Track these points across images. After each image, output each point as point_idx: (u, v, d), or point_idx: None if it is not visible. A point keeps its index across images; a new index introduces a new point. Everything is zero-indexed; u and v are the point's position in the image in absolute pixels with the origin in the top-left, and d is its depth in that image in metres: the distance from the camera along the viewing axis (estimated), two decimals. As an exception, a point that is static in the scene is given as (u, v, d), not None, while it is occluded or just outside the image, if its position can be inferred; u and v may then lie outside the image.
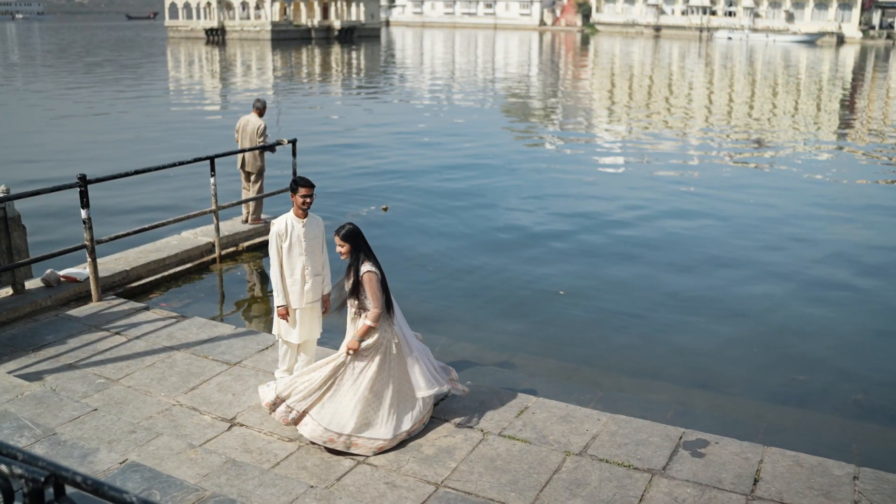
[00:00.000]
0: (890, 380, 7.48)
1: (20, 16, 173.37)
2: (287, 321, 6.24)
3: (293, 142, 10.87)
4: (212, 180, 9.59)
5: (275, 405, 5.74)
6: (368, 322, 5.51)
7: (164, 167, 9.03)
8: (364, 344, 5.57)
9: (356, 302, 5.59)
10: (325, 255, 6.35)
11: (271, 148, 10.84)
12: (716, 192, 15.65)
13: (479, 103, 31.99)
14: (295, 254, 6.13)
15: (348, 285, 5.61)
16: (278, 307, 6.19)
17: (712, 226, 12.91)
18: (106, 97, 32.26)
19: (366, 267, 5.55)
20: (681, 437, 5.84)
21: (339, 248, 5.61)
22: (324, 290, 6.36)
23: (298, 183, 6.12)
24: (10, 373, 6.49)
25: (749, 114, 29.05)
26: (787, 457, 5.59)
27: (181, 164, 9.23)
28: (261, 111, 10.92)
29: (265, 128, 10.91)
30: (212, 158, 9.48)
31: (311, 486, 4.90)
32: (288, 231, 6.11)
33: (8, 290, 8.08)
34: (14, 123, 24.90)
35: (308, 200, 6.11)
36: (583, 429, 5.93)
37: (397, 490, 5.10)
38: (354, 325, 5.65)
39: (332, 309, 6.13)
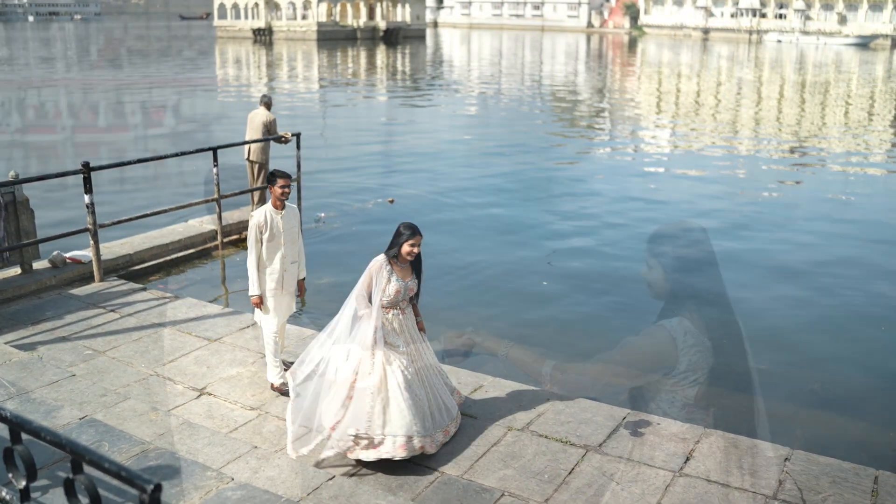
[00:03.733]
0: (848, 370, 7.57)
1: (78, 16, 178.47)
2: (261, 309, 6.58)
3: (297, 135, 11.30)
4: (214, 170, 10.05)
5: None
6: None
7: (165, 157, 9.51)
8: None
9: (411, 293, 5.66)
10: (300, 242, 6.70)
11: (278, 139, 11.31)
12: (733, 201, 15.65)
13: (522, 106, 32.15)
14: (274, 244, 6.45)
15: (414, 285, 5.63)
16: (252, 296, 6.51)
17: (702, 221, 12.88)
18: (144, 91, 33.28)
19: None
20: (624, 418, 6.05)
21: (417, 249, 5.59)
22: (299, 275, 6.71)
23: (276, 175, 6.45)
24: (6, 343, 6.99)
25: (798, 122, 28.29)
26: (724, 439, 5.76)
27: (183, 154, 9.72)
28: (268, 105, 11.44)
29: (274, 121, 11.41)
30: (214, 149, 9.95)
31: (256, 447, 5.26)
32: (268, 222, 6.43)
33: (16, 270, 8.64)
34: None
35: (286, 191, 6.46)
36: (530, 406, 6.18)
37: (339, 456, 5.42)
38: (405, 320, 5.62)
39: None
